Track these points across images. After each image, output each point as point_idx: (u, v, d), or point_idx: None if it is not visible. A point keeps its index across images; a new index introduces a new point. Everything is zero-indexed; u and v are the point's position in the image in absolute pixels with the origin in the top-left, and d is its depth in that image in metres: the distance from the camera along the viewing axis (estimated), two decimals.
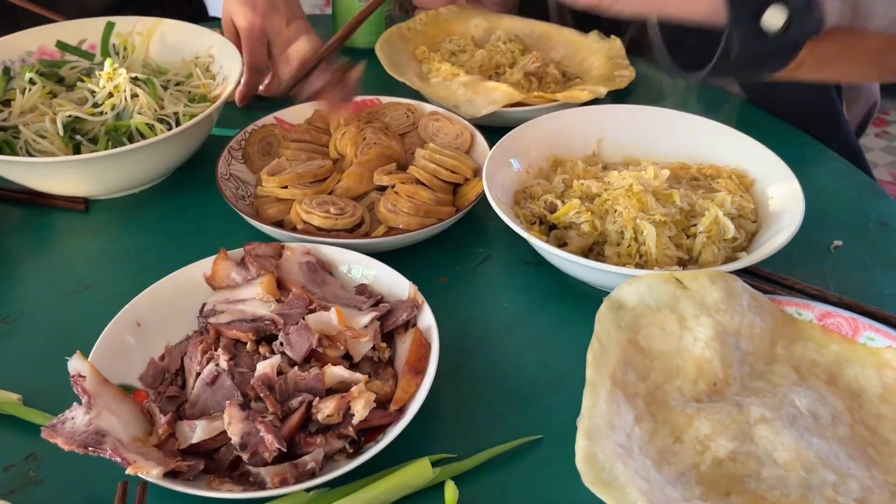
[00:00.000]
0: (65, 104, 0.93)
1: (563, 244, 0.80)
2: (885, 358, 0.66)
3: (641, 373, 0.65)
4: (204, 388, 0.65)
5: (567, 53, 1.18)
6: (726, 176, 0.86)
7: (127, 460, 0.57)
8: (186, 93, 1.00)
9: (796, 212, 0.77)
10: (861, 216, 0.91)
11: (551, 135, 0.92)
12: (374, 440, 0.62)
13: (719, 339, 0.66)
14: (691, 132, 0.91)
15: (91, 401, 0.61)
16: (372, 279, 0.76)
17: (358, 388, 0.62)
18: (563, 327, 0.78)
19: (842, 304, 0.76)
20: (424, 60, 1.14)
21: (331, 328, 0.67)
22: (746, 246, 0.79)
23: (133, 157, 0.87)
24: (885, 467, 0.60)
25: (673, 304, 0.68)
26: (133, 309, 0.71)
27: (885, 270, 0.83)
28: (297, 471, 0.59)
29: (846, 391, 0.66)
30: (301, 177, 0.87)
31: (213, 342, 0.68)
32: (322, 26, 1.34)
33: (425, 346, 0.68)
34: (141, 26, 1.08)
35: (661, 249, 0.76)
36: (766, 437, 0.59)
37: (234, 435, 0.59)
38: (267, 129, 0.97)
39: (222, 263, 0.76)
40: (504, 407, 0.69)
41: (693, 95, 1.11)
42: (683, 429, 0.61)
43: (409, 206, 0.83)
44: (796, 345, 0.69)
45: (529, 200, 0.84)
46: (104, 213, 0.92)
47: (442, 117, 0.98)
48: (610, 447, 0.57)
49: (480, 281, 0.83)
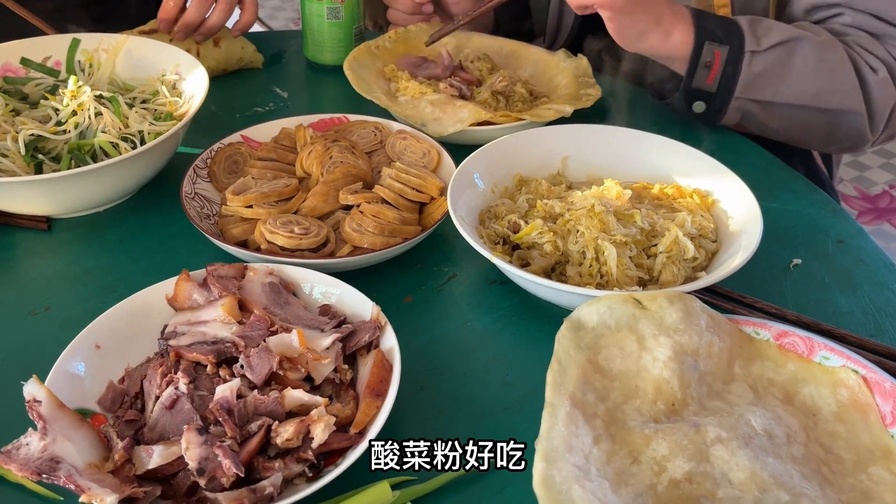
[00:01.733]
0: (27, 122, 0.92)
1: (525, 264, 0.80)
2: (840, 377, 0.68)
3: (601, 393, 0.65)
4: (163, 411, 0.64)
5: (535, 72, 1.19)
6: (688, 196, 0.87)
7: (81, 487, 0.56)
8: (152, 111, 0.99)
9: (755, 232, 0.78)
10: (820, 235, 0.93)
11: (517, 154, 0.92)
12: (334, 463, 0.62)
13: (678, 359, 0.67)
14: (655, 152, 0.93)
15: (46, 426, 0.60)
16: (335, 299, 0.76)
17: (318, 411, 0.62)
18: (528, 347, 0.78)
19: (799, 322, 0.77)
20: (393, 79, 1.15)
21: (292, 350, 0.67)
22: (707, 265, 0.81)
23: (96, 177, 0.87)
24: (839, 486, 0.61)
25: (632, 325, 0.68)
26: (92, 331, 0.71)
27: (842, 289, 0.85)
28: (255, 496, 0.59)
29: (802, 410, 0.67)
30: (266, 196, 0.86)
31: (174, 365, 0.67)
32: (293, 44, 1.34)
33: (387, 367, 0.68)
34: (107, 43, 1.07)
35: (621, 269, 0.77)
36: (722, 458, 0.60)
37: (192, 460, 0.59)
38: (233, 148, 0.97)
39: (184, 284, 0.75)
40: (467, 428, 0.69)
41: (657, 114, 1.12)
42: (641, 449, 0.62)
43: (374, 226, 0.83)
44: (754, 364, 0.70)
45: (493, 220, 0.85)
46: (67, 231, 0.92)
47: (409, 136, 0.98)
48: (567, 469, 0.58)
49: (446, 300, 0.84)
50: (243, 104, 1.17)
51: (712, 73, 0.98)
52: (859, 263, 0.88)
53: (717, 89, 0.99)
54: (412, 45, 1.22)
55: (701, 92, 1.00)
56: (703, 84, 0.98)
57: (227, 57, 1.22)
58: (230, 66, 1.24)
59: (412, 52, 1.21)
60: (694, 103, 1.01)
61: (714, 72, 0.97)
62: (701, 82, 0.98)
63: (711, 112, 1.02)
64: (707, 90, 0.99)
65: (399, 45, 1.21)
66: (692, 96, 1.01)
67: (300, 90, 1.25)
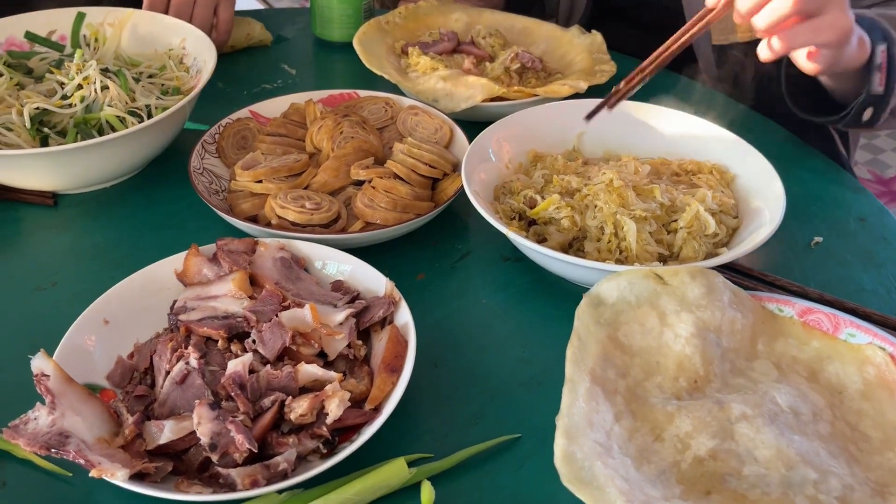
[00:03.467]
0: (32, 96, 0.91)
1: (542, 240, 0.79)
2: (867, 354, 0.66)
3: (621, 369, 0.64)
4: (173, 387, 0.63)
5: (548, 48, 1.17)
6: (707, 171, 0.85)
7: (91, 462, 0.55)
8: (159, 85, 0.97)
9: (777, 208, 0.76)
10: (841, 213, 0.91)
11: (531, 129, 0.90)
12: (349, 440, 0.60)
13: (700, 335, 0.65)
14: (672, 127, 0.91)
15: (55, 401, 0.59)
16: (348, 275, 0.74)
17: (332, 386, 0.61)
18: (543, 324, 0.76)
19: (822, 300, 0.75)
20: (406, 55, 1.13)
21: (305, 325, 0.66)
22: (727, 242, 0.79)
23: (102, 151, 0.85)
24: (867, 464, 0.60)
25: (653, 301, 0.67)
26: (101, 306, 0.69)
27: (865, 267, 0.83)
28: (269, 472, 0.57)
29: (827, 388, 0.65)
30: (276, 171, 0.85)
31: (184, 340, 0.66)
32: (299, 21, 1.32)
33: (402, 343, 0.66)
34: (112, 17, 1.05)
35: (641, 245, 0.75)
36: (747, 435, 0.59)
37: (204, 435, 0.58)
38: (242, 123, 0.95)
39: (194, 259, 0.74)
40: (482, 405, 0.68)
41: (674, 91, 1.10)
42: (664, 427, 0.60)
43: (386, 202, 0.82)
44: (777, 341, 0.68)
45: (509, 196, 0.83)
46: (73, 207, 0.90)
47: (421, 111, 0.96)
48: (589, 445, 0.56)
49: (459, 277, 0.82)
50: (251, 81, 1.15)
51: (882, 75, 0.89)
52: (882, 241, 0.87)
53: (885, 91, 0.90)
54: (422, 21, 1.20)
55: (874, 98, 0.90)
56: (877, 88, 0.89)
57: (235, 35, 1.20)
58: (238, 43, 1.21)
59: (422, 28, 1.18)
60: (864, 112, 0.92)
61: (883, 73, 0.89)
62: (875, 87, 0.89)
63: (875, 117, 0.92)
64: (877, 93, 0.90)
65: (409, 20, 1.19)
66: (866, 105, 0.91)
67: (308, 67, 1.22)
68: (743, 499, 0.56)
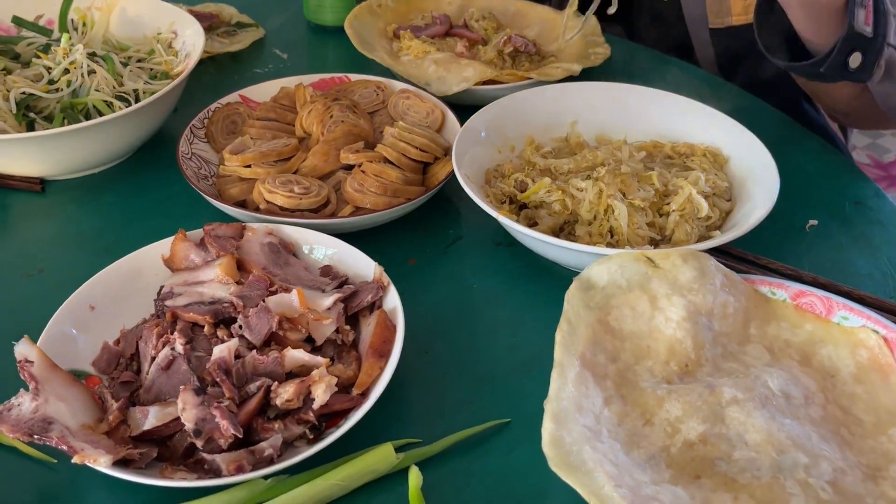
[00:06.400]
0: (18, 81, 0.90)
1: (533, 224, 0.78)
2: (860, 337, 0.65)
3: (611, 354, 0.63)
4: (159, 372, 0.62)
5: (542, 31, 1.15)
6: (700, 154, 0.84)
7: (74, 448, 0.54)
8: (148, 70, 0.96)
9: (771, 190, 0.75)
10: (837, 196, 0.90)
11: (525, 111, 0.89)
12: (336, 425, 0.60)
13: (691, 319, 0.64)
14: (665, 109, 0.90)
15: (38, 387, 0.58)
16: (337, 260, 0.74)
17: (319, 371, 0.60)
18: (534, 309, 0.76)
19: (816, 283, 0.75)
20: (398, 38, 1.11)
21: (292, 310, 0.65)
22: (720, 225, 0.78)
23: (89, 135, 0.84)
24: (858, 448, 0.59)
25: (644, 284, 0.66)
26: (86, 291, 0.69)
27: (860, 250, 0.82)
28: (255, 457, 0.57)
29: (819, 371, 0.65)
30: (265, 155, 0.84)
31: (170, 326, 0.65)
32: (291, 4, 1.31)
33: (390, 328, 0.66)
34: (100, 1, 1.04)
35: (632, 228, 0.74)
36: (738, 419, 0.58)
37: (189, 421, 0.57)
38: (231, 108, 0.94)
39: (181, 244, 0.73)
40: (472, 390, 0.67)
41: (667, 73, 1.09)
42: (654, 411, 0.60)
43: (376, 186, 0.81)
44: (770, 325, 0.68)
45: (500, 179, 0.82)
46: (61, 193, 0.89)
47: (412, 95, 0.95)
48: (578, 430, 0.56)
49: (450, 263, 0.81)
50: (242, 66, 1.14)
51: (868, 12, 0.83)
52: (877, 225, 0.86)
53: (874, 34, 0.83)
54: (414, 4, 1.18)
55: (860, 38, 0.83)
56: (862, 27, 0.82)
57: (241, 40, 1.18)
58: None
59: (414, 11, 1.17)
60: (851, 56, 0.84)
61: (869, 9, 0.83)
62: (860, 25, 0.82)
63: (866, 65, 0.85)
64: (866, 34, 0.83)
65: (401, 4, 1.18)
66: (851, 45, 0.83)
67: (300, 52, 1.21)
68: (733, 483, 0.55)
